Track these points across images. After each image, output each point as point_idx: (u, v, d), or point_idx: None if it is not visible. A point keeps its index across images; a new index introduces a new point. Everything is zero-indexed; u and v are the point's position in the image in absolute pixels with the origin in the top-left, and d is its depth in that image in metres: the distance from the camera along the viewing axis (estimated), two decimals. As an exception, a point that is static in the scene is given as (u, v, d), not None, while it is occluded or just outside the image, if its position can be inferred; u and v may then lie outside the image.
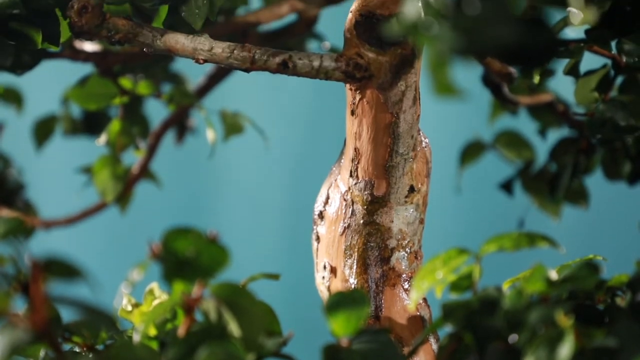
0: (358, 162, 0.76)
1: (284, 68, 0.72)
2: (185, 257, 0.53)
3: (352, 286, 0.76)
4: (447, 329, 0.60)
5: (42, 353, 0.61)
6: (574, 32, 0.74)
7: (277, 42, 1.15)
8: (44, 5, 0.71)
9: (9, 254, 0.50)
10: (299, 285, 1.22)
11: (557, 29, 0.73)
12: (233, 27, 1.08)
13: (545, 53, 0.44)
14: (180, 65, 1.13)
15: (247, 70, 0.73)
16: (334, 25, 0.96)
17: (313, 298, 0.81)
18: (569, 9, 0.44)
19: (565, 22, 0.72)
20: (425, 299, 0.78)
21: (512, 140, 1.08)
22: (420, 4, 0.50)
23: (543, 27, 0.44)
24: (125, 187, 1.08)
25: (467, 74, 0.51)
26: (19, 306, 0.51)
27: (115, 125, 1.07)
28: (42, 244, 1.09)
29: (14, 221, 0.49)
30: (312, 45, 1.20)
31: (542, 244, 0.58)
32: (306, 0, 1.10)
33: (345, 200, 0.77)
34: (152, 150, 1.11)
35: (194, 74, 1.14)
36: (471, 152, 1.10)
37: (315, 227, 0.80)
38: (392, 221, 0.76)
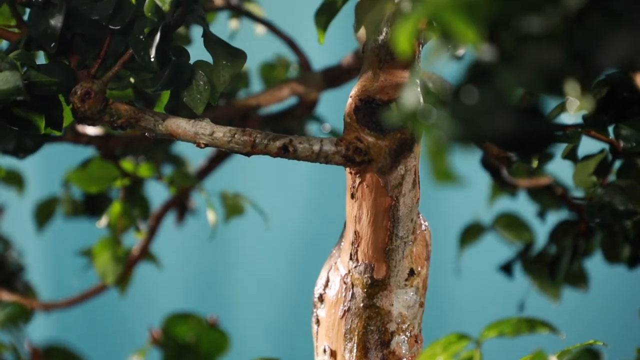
0: (358, 245, 0.76)
1: (285, 152, 0.72)
2: (186, 342, 0.53)
3: (352, 370, 0.76)
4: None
5: None
6: (571, 117, 0.74)
7: (278, 125, 1.16)
8: (47, 91, 0.72)
9: (8, 341, 0.50)
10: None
11: (554, 115, 0.73)
12: (234, 110, 1.09)
13: (542, 141, 0.44)
14: (181, 147, 1.14)
15: (247, 154, 0.74)
16: (334, 108, 0.97)
17: (314, 382, 0.81)
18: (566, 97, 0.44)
19: (563, 107, 0.72)
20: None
21: (511, 222, 1.08)
22: (419, 90, 0.50)
23: (540, 116, 0.45)
24: (126, 269, 1.08)
25: (466, 157, 0.51)
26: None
27: (116, 207, 1.07)
28: (42, 327, 1.09)
29: (14, 307, 0.49)
30: (312, 128, 1.21)
31: (542, 330, 0.58)
32: (306, 83, 1.12)
33: (345, 283, 0.77)
34: (152, 232, 1.11)
35: (195, 156, 1.14)
36: (471, 233, 1.10)
37: (315, 310, 0.80)
38: (392, 304, 0.76)
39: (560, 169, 1.01)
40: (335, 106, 0.91)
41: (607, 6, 0.41)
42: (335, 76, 1.11)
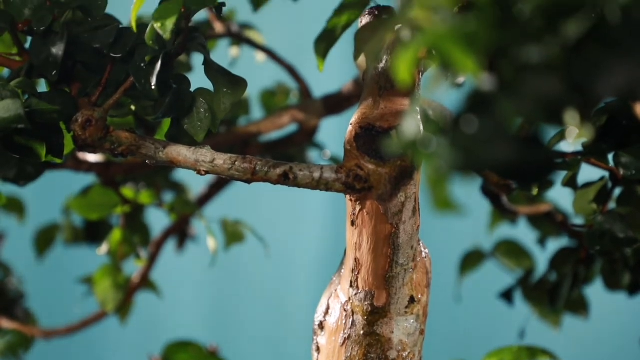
0: (358, 273, 0.76)
1: (285, 179, 0.73)
2: (186, 371, 0.53)
3: (353, 398, 0.76)
4: None
5: None
6: (571, 145, 0.75)
7: (278, 152, 1.16)
8: (49, 119, 0.72)
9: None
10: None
11: (554, 143, 0.74)
12: (234, 137, 1.09)
13: (542, 170, 0.44)
14: (182, 174, 1.14)
15: (248, 182, 0.74)
16: (334, 134, 0.97)
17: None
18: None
19: (562, 135, 0.72)
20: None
21: (511, 249, 1.08)
22: (419, 118, 0.51)
23: (540, 144, 0.45)
24: (126, 296, 1.08)
25: (466, 185, 0.52)
26: None
27: (116, 234, 1.07)
28: (43, 354, 1.09)
29: (14, 335, 0.49)
30: (312, 154, 1.21)
31: (543, 357, 0.58)
32: (307, 110, 1.12)
33: (345, 310, 0.77)
34: (152, 259, 1.11)
35: (195, 183, 1.15)
36: (471, 260, 1.10)
37: (315, 337, 0.80)
38: (393, 332, 0.76)
39: (560, 196, 1.01)
40: (336, 132, 0.91)
41: (605, 36, 0.42)
42: (336, 103, 1.12)
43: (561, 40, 0.44)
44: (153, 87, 0.71)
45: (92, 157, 1.04)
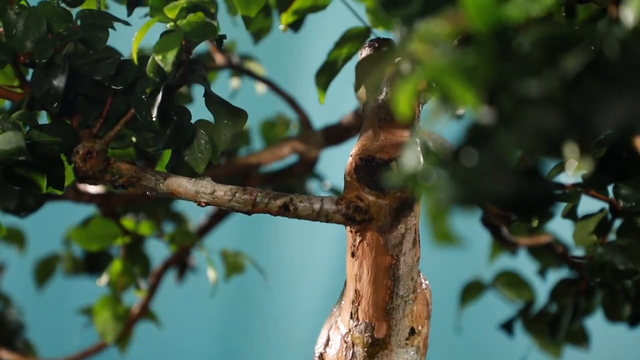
0: (358, 304, 0.76)
1: (285, 211, 0.73)
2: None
3: None
4: None
5: None
6: (570, 177, 0.75)
7: (279, 182, 1.16)
8: (50, 150, 0.72)
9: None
10: None
11: (553, 174, 0.74)
12: (235, 168, 1.09)
13: (542, 203, 0.45)
14: (182, 205, 1.14)
15: (248, 213, 0.74)
16: (335, 165, 0.97)
17: None
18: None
19: (562, 167, 0.73)
20: None
21: (512, 280, 1.08)
22: (419, 150, 0.51)
23: (539, 177, 0.45)
24: (126, 327, 1.08)
25: (467, 217, 0.52)
26: None
27: (116, 265, 1.07)
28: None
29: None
30: (313, 185, 1.21)
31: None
32: (307, 141, 1.12)
33: (345, 342, 0.77)
34: (152, 290, 1.11)
35: (195, 213, 1.15)
36: (471, 291, 1.10)
37: (315, 369, 0.80)
38: (393, 364, 0.76)
39: (560, 227, 1.01)
40: (336, 163, 0.91)
41: (604, 70, 0.42)
42: (336, 134, 1.12)
43: (560, 74, 0.44)
44: (154, 119, 0.72)
45: (93, 188, 1.04)
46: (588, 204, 0.84)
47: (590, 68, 0.43)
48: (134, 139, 0.80)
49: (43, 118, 0.79)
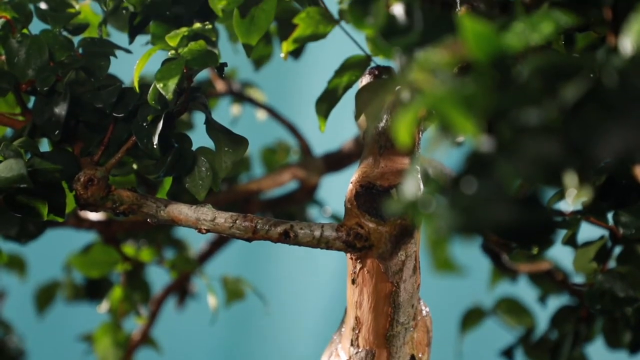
0: (359, 331, 0.76)
1: (286, 238, 0.73)
2: None
3: None
4: None
5: None
6: (570, 204, 0.75)
7: (279, 209, 1.16)
8: (51, 178, 0.72)
9: None
10: None
11: (553, 202, 0.74)
12: (235, 195, 1.09)
13: (542, 231, 0.45)
14: (183, 231, 1.14)
15: (249, 240, 0.74)
16: (335, 191, 0.98)
17: None
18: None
19: (562, 194, 0.73)
20: None
21: (512, 307, 1.08)
22: (419, 177, 0.51)
23: (539, 206, 0.45)
24: (126, 354, 1.08)
25: (467, 245, 0.52)
26: None
27: (117, 292, 1.07)
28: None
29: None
30: (313, 211, 1.22)
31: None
32: (307, 168, 1.12)
33: (346, 369, 0.77)
34: (153, 317, 1.11)
35: (196, 240, 1.15)
36: (472, 318, 1.10)
37: (316, 396, 0.80)
38: (394, 391, 0.76)
39: (560, 254, 1.01)
40: (336, 189, 0.91)
41: (602, 99, 0.42)
42: (336, 161, 1.12)
43: (559, 103, 0.44)
44: (155, 146, 0.72)
45: (94, 215, 1.04)
46: (588, 231, 0.84)
47: (589, 97, 0.43)
48: (135, 166, 0.81)
49: (44, 145, 0.79)
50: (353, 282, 0.75)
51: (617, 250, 0.83)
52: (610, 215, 0.79)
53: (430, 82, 0.47)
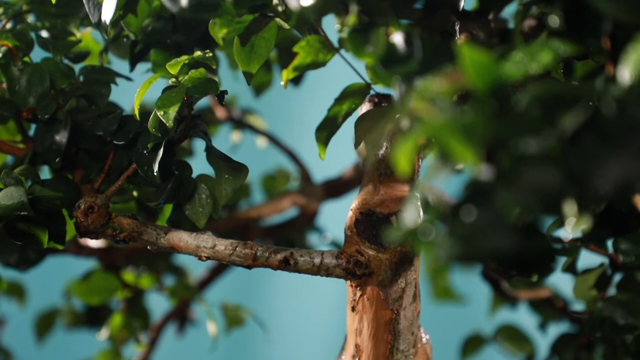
0: (359, 359, 0.76)
1: (286, 265, 0.73)
2: None
3: None
4: None
5: None
6: (570, 232, 0.75)
7: (279, 235, 1.16)
8: (51, 205, 0.72)
9: None
10: None
11: (553, 229, 0.74)
12: (235, 222, 1.09)
13: (541, 260, 0.45)
14: (183, 258, 1.14)
15: (249, 267, 0.74)
16: (335, 218, 0.98)
17: None
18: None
19: (561, 221, 0.73)
20: None
21: (512, 334, 1.08)
22: (419, 204, 0.51)
23: (539, 234, 0.46)
24: (126, 381, 1.08)
25: (467, 273, 0.52)
26: None
27: (116, 319, 1.07)
28: None
29: None
30: (313, 238, 1.22)
31: None
32: (307, 195, 1.13)
33: (346, 396, 0.77)
34: (153, 344, 1.11)
35: (196, 267, 1.15)
36: (472, 345, 1.10)
37: None
38: (393, 419, 0.76)
39: (560, 280, 1.01)
40: (336, 216, 0.91)
41: (601, 129, 0.42)
42: (336, 188, 1.13)
43: (558, 132, 0.44)
44: (155, 174, 0.72)
45: (94, 242, 1.04)
46: (588, 259, 0.84)
47: (588, 126, 0.43)
48: (135, 194, 0.81)
49: (45, 173, 0.79)
50: (353, 309, 0.75)
51: (617, 277, 0.83)
52: (610, 243, 0.79)
53: (430, 111, 0.47)
